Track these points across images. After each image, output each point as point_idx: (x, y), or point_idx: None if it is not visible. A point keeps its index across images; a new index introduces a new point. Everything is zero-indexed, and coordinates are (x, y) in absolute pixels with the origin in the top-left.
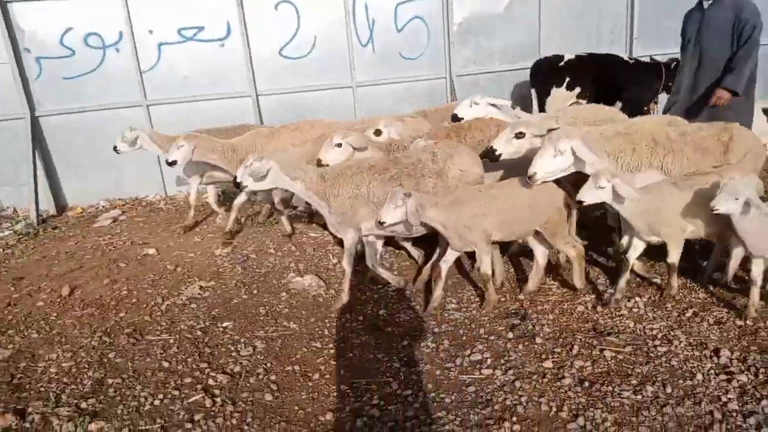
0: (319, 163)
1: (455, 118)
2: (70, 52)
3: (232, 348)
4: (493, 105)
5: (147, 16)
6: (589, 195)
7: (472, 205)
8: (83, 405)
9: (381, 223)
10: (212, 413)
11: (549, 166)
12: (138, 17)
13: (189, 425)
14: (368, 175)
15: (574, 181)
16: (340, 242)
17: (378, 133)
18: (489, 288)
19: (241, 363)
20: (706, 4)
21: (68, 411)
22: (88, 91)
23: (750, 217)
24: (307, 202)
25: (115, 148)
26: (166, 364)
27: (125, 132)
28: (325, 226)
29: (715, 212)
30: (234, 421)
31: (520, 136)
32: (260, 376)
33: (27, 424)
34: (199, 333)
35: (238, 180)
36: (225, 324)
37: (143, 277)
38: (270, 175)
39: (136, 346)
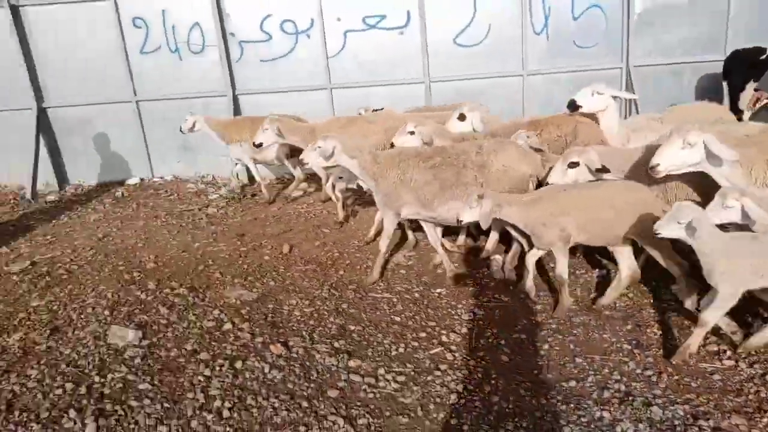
0: (391, 147)
1: (573, 106)
2: (268, 37)
3: (453, 312)
4: (615, 97)
5: (336, 4)
6: (712, 214)
7: (551, 203)
8: (335, 344)
9: (459, 222)
10: (455, 365)
11: (675, 158)
12: (328, 5)
13: (438, 372)
14: (413, 161)
15: None
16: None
17: (462, 117)
18: (563, 292)
19: (466, 326)
20: None
21: (326, 348)
22: (280, 74)
23: None
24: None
25: (180, 129)
26: (397, 319)
27: (186, 117)
28: None
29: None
30: (479, 375)
31: (573, 165)
32: (489, 339)
33: (294, 355)
34: (417, 295)
35: (302, 158)
36: (438, 290)
37: (348, 242)
38: (334, 154)
39: (363, 300)
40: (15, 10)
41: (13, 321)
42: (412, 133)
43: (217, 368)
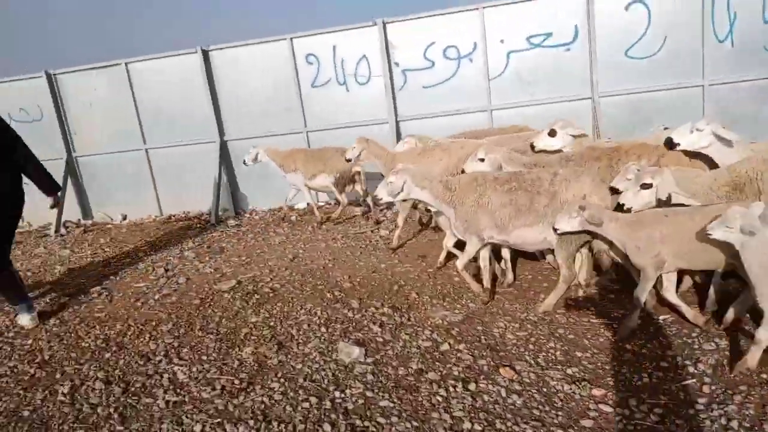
0: (462, 173)
1: (670, 144)
2: (430, 64)
3: (689, 340)
4: (718, 136)
5: (500, 26)
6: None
7: (651, 228)
8: (568, 371)
9: (555, 230)
10: (719, 399)
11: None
12: (492, 28)
13: (700, 406)
14: (490, 186)
15: None
16: None
17: (553, 133)
18: (633, 314)
19: (711, 356)
20: None
21: (559, 374)
22: (441, 98)
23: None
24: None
25: (244, 162)
26: (627, 347)
27: (250, 149)
28: None
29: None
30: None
31: (645, 187)
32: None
33: (526, 380)
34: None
35: (376, 195)
36: (663, 317)
37: (524, 265)
38: (405, 188)
39: (577, 325)
40: (206, 55)
41: (239, 335)
42: (482, 159)
43: (451, 389)
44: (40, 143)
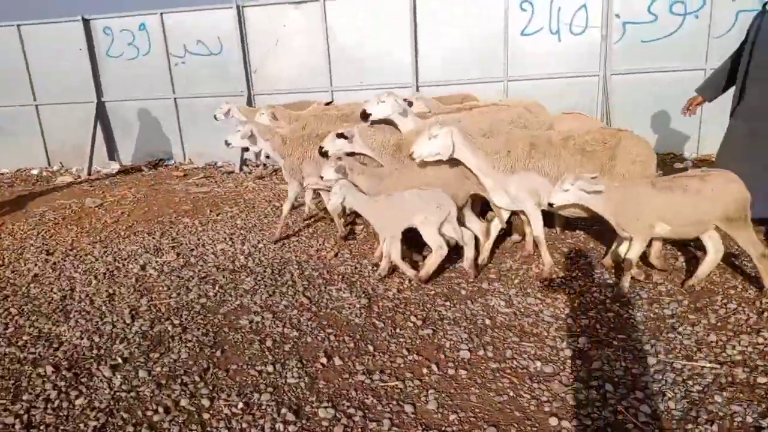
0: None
1: None
2: (653, 18)
3: None
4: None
5: None
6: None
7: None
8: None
9: (550, 204)
10: None
11: (424, 149)
12: None
13: None
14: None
15: None
16: None
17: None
18: (626, 274)
19: None
20: None
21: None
22: (657, 55)
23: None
24: None
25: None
26: None
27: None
28: None
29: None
30: None
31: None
32: None
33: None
34: None
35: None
36: None
37: None
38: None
39: None
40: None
41: None
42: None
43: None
44: (213, 78)
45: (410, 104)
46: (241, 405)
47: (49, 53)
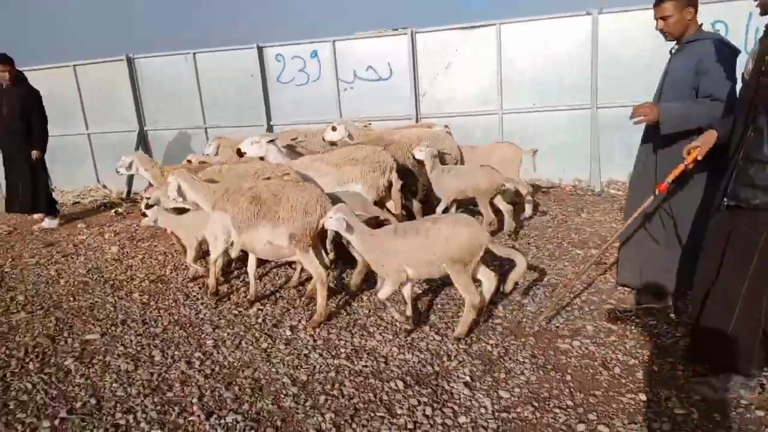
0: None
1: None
2: None
3: None
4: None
5: None
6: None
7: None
8: None
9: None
10: None
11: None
12: None
13: None
14: None
15: None
16: None
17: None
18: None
19: None
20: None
21: None
22: None
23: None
24: None
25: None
26: None
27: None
28: None
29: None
30: None
31: None
32: None
33: None
34: None
35: None
36: None
37: None
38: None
39: None
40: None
41: None
42: None
43: None
44: (381, 102)
45: (334, 129)
46: None
47: (219, 77)
